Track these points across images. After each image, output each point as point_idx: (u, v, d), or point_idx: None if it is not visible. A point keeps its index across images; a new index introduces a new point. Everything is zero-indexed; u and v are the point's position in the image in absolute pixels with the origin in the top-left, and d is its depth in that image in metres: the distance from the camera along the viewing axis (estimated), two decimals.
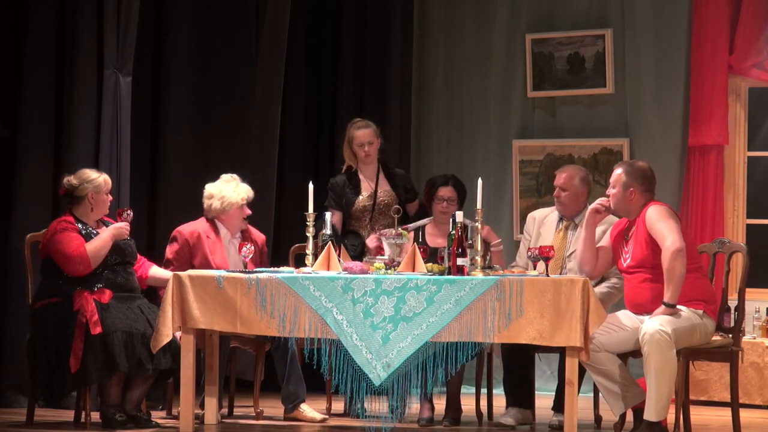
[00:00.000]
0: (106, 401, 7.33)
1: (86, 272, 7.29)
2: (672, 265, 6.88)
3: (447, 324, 6.85)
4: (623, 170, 7.23)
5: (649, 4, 9.81)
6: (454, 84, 10.40)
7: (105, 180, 7.50)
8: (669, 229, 6.97)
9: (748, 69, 9.49)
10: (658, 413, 6.84)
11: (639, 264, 7.09)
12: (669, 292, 6.91)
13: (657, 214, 7.06)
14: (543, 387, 9.52)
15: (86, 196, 7.43)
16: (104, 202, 7.50)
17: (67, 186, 7.46)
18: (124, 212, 7.50)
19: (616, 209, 7.28)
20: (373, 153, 8.31)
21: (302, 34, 9.99)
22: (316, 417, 7.72)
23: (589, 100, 10.01)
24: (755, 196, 9.75)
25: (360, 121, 8.36)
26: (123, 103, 8.38)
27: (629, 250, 7.17)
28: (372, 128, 8.32)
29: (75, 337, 7.16)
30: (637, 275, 7.12)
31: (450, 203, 7.85)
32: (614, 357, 7.08)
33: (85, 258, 7.26)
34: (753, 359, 8.80)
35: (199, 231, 7.85)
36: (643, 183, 7.20)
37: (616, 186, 7.22)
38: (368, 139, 8.27)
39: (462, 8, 10.38)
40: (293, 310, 6.99)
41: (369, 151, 8.28)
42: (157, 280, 7.67)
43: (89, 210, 7.45)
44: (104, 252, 7.33)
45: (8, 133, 8.36)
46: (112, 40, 8.34)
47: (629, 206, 7.21)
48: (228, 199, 7.88)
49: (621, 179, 7.20)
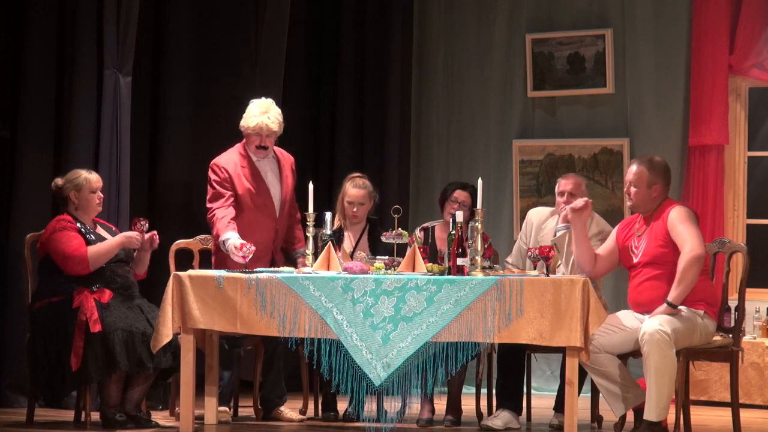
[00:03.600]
0: (106, 401, 7.34)
1: (84, 273, 7.28)
2: (687, 270, 6.86)
3: (447, 324, 6.85)
4: (645, 167, 7.14)
5: (649, 4, 9.81)
6: (454, 84, 10.40)
7: (87, 178, 7.47)
8: (692, 234, 6.93)
9: (748, 69, 9.49)
10: (658, 413, 6.84)
11: (650, 261, 7.05)
12: (675, 293, 6.89)
13: (682, 217, 7.01)
14: (543, 387, 9.53)
15: (69, 196, 7.43)
16: (89, 200, 7.47)
17: (54, 188, 7.48)
18: (138, 222, 7.45)
19: (636, 206, 7.19)
20: (361, 215, 8.05)
21: (302, 34, 10.00)
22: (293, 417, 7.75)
23: (589, 100, 10.02)
24: (755, 196, 9.75)
25: (357, 178, 8.12)
26: (123, 103, 8.38)
27: (640, 245, 7.12)
28: (366, 190, 8.06)
29: (75, 335, 7.16)
30: (645, 271, 7.08)
31: (462, 207, 7.83)
32: (614, 358, 7.07)
33: (84, 258, 7.25)
34: (753, 359, 8.80)
35: (234, 161, 7.82)
36: (665, 178, 7.16)
37: (639, 184, 7.14)
38: (359, 201, 8.04)
39: (462, 8, 10.38)
40: (293, 310, 6.99)
41: (357, 213, 8.04)
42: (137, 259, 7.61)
43: (74, 209, 7.45)
44: (107, 258, 7.33)
45: (8, 133, 8.36)
46: (112, 40, 8.35)
47: (652, 203, 7.15)
48: (244, 121, 7.85)
49: (644, 176, 7.13)
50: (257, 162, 7.89)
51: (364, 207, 8.07)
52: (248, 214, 7.81)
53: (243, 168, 7.85)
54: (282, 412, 7.83)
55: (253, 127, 7.81)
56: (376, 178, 10.10)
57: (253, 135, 7.83)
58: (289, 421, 7.76)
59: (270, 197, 7.90)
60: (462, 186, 7.97)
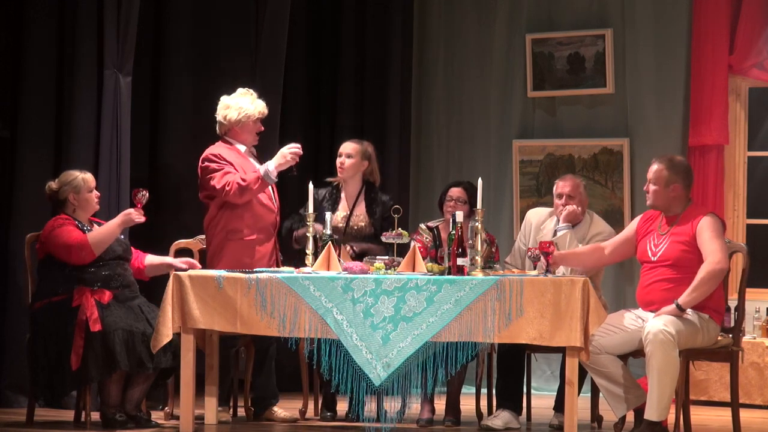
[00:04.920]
0: (106, 401, 7.34)
1: (90, 259, 7.25)
2: (707, 279, 6.86)
3: (447, 324, 6.85)
4: (665, 165, 7.11)
5: (649, 4, 9.81)
6: (454, 84, 10.41)
7: (84, 178, 7.46)
8: (719, 248, 6.91)
9: (748, 69, 9.49)
10: (659, 413, 6.83)
11: (669, 261, 7.02)
12: (688, 298, 6.87)
13: (712, 228, 6.97)
14: (543, 387, 9.53)
15: (67, 198, 7.42)
16: (88, 200, 7.47)
17: (48, 191, 7.46)
18: (138, 193, 7.36)
19: (655, 206, 7.18)
20: (348, 168, 7.93)
21: (302, 35, 9.99)
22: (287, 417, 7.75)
23: (589, 100, 10.02)
24: (755, 196, 9.75)
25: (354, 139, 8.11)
26: (123, 102, 8.39)
27: (661, 244, 7.09)
28: (359, 145, 7.99)
29: (75, 335, 7.16)
30: (660, 273, 7.06)
31: (458, 203, 7.82)
32: (615, 359, 7.07)
33: (86, 244, 7.24)
34: (753, 359, 8.80)
35: (224, 153, 7.74)
36: (685, 178, 7.13)
37: (657, 183, 7.11)
38: (347, 152, 7.96)
39: (462, 8, 10.38)
40: (293, 310, 6.99)
41: (342, 163, 7.94)
42: (154, 267, 7.62)
43: (73, 211, 7.44)
44: (109, 239, 7.30)
45: (8, 133, 8.37)
46: (112, 40, 8.35)
47: (671, 202, 7.11)
48: (245, 111, 7.78)
49: (663, 175, 7.10)
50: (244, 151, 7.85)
51: (353, 161, 7.95)
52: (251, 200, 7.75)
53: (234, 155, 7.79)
54: (275, 412, 7.83)
55: (258, 113, 7.79)
56: None
57: (254, 122, 7.81)
58: (282, 421, 7.75)
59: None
60: (456, 183, 7.98)
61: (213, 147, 7.82)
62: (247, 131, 7.82)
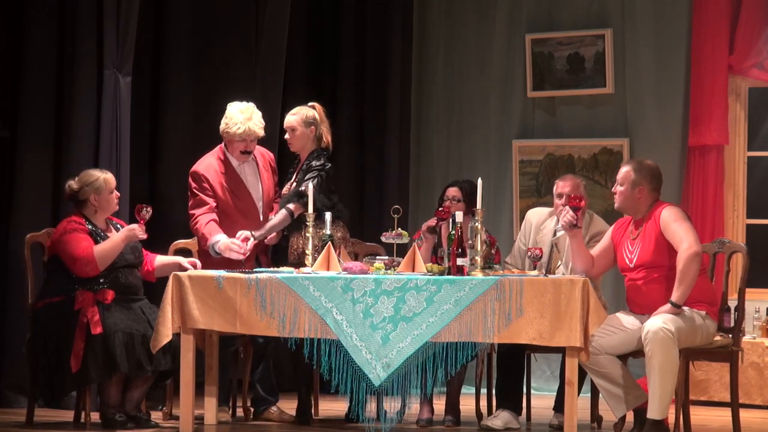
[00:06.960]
0: (105, 401, 7.33)
1: (93, 274, 7.27)
2: (687, 268, 6.87)
3: (447, 324, 6.85)
4: (632, 168, 7.18)
5: (649, 4, 9.81)
6: (454, 84, 10.40)
7: (106, 179, 7.46)
8: (686, 231, 6.94)
9: (748, 69, 9.49)
10: (661, 411, 6.84)
11: (646, 264, 7.06)
12: (678, 293, 6.89)
13: (673, 216, 7.02)
14: (543, 387, 9.53)
15: (88, 199, 7.41)
16: (109, 201, 7.47)
17: (68, 190, 7.45)
18: (142, 209, 7.36)
19: (621, 207, 7.23)
20: (295, 142, 7.82)
21: (302, 35, 9.99)
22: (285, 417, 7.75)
23: (589, 100, 10.01)
24: (755, 196, 9.75)
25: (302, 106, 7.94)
26: (123, 103, 8.39)
27: (635, 249, 7.14)
28: (297, 115, 7.79)
29: (76, 336, 7.16)
30: (642, 275, 7.09)
31: (453, 202, 7.83)
32: (615, 359, 7.07)
33: (92, 259, 7.24)
34: (753, 359, 8.80)
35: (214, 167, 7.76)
36: (651, 181, 7.17)
37: (624, 183, 7.17)
38: (289, 125, 7.82)
39: (462, 8, 10.38)
40: (293, 310, 6.99)
41: (289, 140, 7.83)
42: (164, 267, 7.62)
43: (94, 212, 7.44)
44: (114, 254, 7.31)
45: (8, 133, 8.37)
46: (112, 40, 8.35)
47: (637, 205, 7.17)
48: (228, 128, 7.75)
49: (629, 177, 7.15)
50: (237, 167, 7.86)
51: (297, 134, 7.81)
52: (231, 218, 7.77)
53: (223, 174, 7.81)
54: (274, 412, 7.82)
55: (240, 134, 7.73)
56: (376, 178, 10.13)
57: (238, 141, 7.79)
58: (281, 421, 7.75)
59: (252, 201, 7.87)
60: (452, 183, 7.99)
61: (206, 157, 7.88)
62: (232, 147, 7.83)
